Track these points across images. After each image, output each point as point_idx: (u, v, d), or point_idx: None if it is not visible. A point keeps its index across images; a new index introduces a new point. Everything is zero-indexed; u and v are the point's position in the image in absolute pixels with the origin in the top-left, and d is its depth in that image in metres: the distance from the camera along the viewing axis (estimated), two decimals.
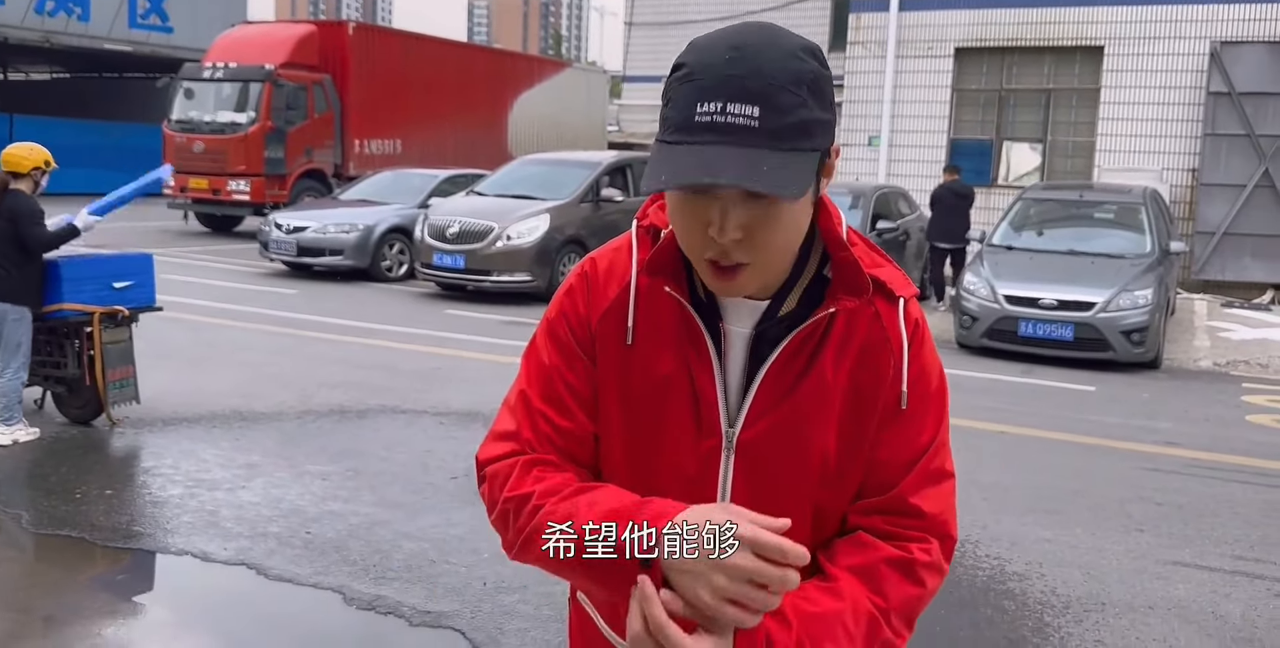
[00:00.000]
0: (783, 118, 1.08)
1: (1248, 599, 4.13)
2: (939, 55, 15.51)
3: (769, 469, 1.25)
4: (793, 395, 1.23)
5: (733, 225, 1.12)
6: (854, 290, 1.22)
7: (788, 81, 1.09)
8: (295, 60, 17.44)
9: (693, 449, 1.25)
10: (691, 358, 1.25)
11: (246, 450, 5.58)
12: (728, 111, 1.08)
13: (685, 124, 1.10)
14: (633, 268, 1.28)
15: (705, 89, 1.09)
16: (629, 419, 1.28)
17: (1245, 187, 13.29)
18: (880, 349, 1.25)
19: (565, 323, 1.31)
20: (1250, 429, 7.13)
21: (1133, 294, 8.88)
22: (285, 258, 12.89)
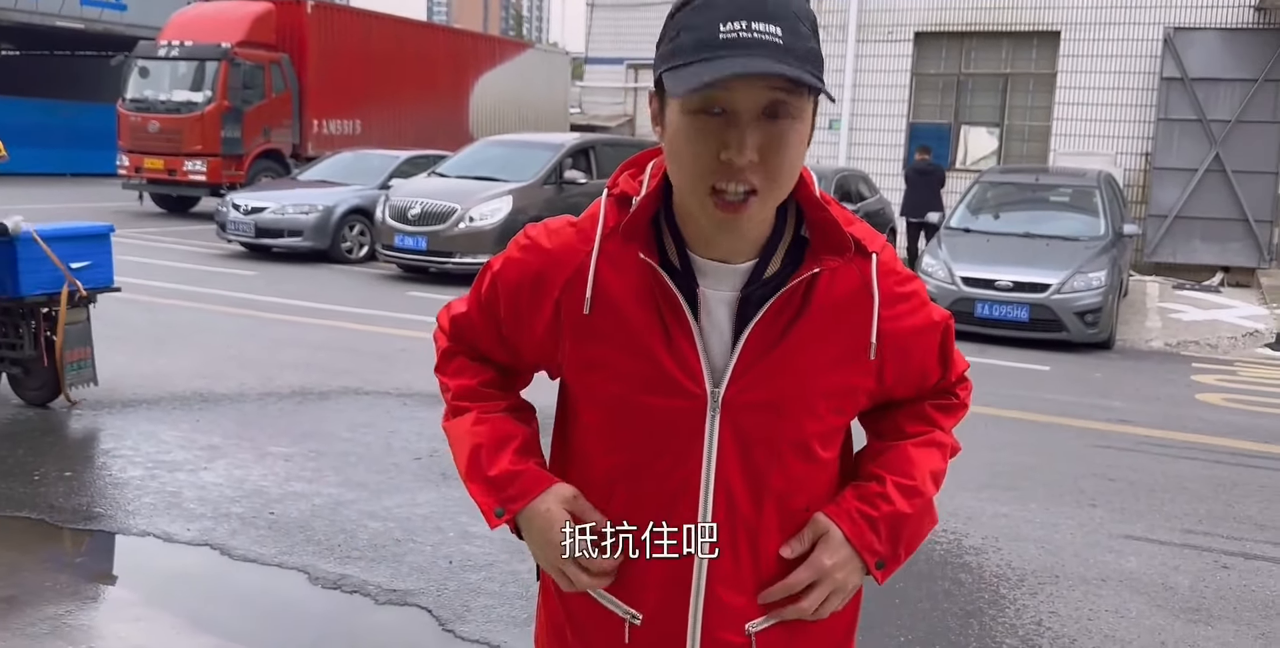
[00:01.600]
0: (801, 42, 1.13)
1: (1196, 571, 4.25)
2: (898, 40, 15.62)
3: (756, 427, 1.27)
4: (777, 352, 1.26)
5: (750, 145, 1.14)
6: (836, 249, 1.26)
7: (800, 14, 1.15)
8: (252, 39, 17.19)
9: (676, 411, 1.26)
10: (670, 321, 1.26)
11: (208, 432, 5.54)
12: (754, 29, 1.11)
13: (710, 41, 1.12)
14: (596, 236, 1.28)
15: (727, 11, 1.12)
16: (603, 386, 1.28)
17: (1197, 171, 13.54)
18: (862, 304, 1.29)
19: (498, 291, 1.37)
20: (1200, 408, 7.31)
21: (1086, 276, 9.05)
22: (243, 239, 12.75)
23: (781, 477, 1.28)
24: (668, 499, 1.28)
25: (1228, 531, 4.74)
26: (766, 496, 1.29)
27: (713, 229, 1.23)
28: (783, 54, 1.12)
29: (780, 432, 1.27)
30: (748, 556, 1.30)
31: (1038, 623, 3.73)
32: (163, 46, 17.10)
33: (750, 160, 1.15)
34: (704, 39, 1.13)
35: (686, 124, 1.17)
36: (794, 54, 1.12)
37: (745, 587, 1.31)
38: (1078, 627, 3.70)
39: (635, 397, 1.27)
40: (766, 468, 1.28)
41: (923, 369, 1.39)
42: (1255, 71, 13.33)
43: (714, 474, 1.27)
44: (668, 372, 1.25)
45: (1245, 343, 9.89)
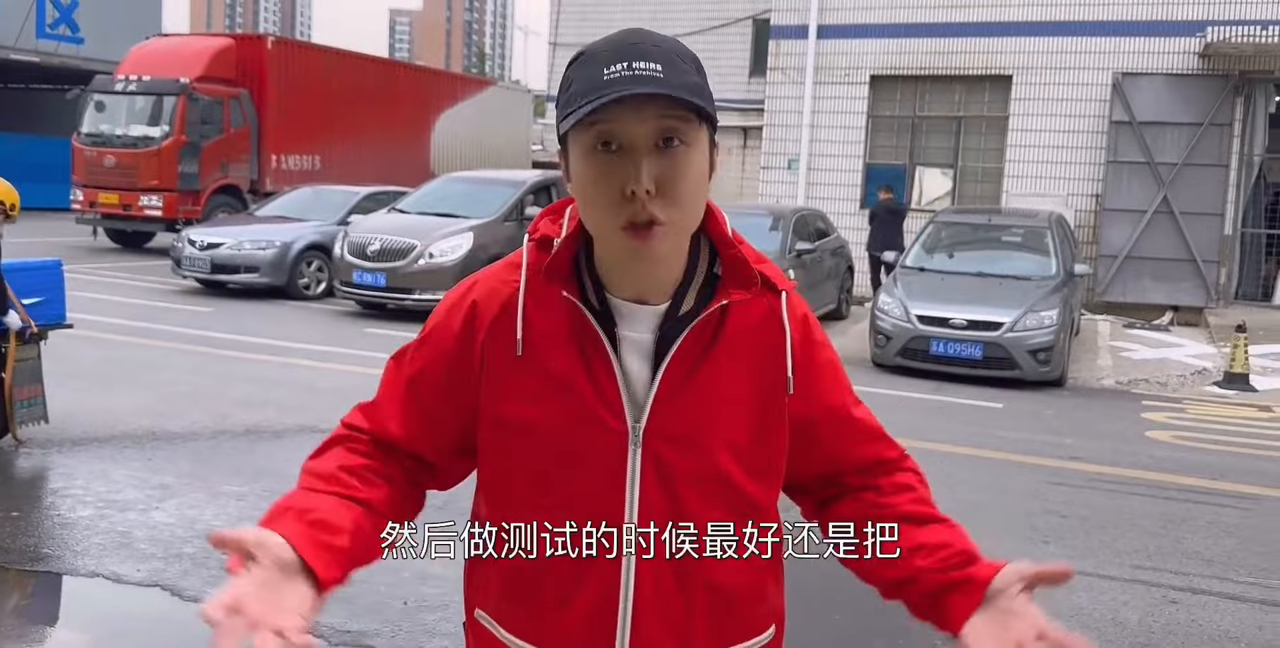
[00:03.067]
0: (683, 76, 1.19)
1: (1145, 607, 4.31)
2: (855, 82, 15.92)
3: (677, 460, 1.28)
4: (692, 384, 1.28)
5: (647, 176, 1.19)
6: (743, 283, 1.30)
7: (681, 56, 1.21)
8: (212, 74, 17.16)
9: (599, 446, 1.27)
10: (593, 359, 1.28)
11: (159, 471, 5.46)
12: (634, 68, 1.17)
13: (595, 84, 1.18)
14: (521, 278, 1.31)
15: (609, 58, 1.19)
16: (529, 426, 1.29)
17: (1146, 212, 13.87)
18: (773, 336, 1.33)
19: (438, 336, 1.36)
20: (1150, 445, 7.44)
21: (1039, 315, 9.22)
22: (199, 275, 12.64)
23: (705, 510, 1.28)
24: (591, 532, 1.28)
25: (1176, 566, 4.82)
26: (696, 532, 1.28)
27: (629, 261, 1.26)
28: (665, 85, 1.17)
29: (701, 464, 1.28)
30: (674, 590, 1.29)
31: None
32: (120, 81, 17.01)
33: (648, 189, 1.19)
34: (590, 84, 1.19)
35: (588, 165, 1.23)
36: (675, 86, 1.18)
37: (673, 625, 1.30)
38: None
39: (558, 433, 1.28)
40: (689, 501, 1.28)
41: (842, 426, 1.41)
42: (1201, 116, 13.73)
43: (637, 508, 1.27)
44: (590, 407, 1.27)
45: (1194, 381, 10.10)
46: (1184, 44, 13.93)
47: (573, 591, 1.30)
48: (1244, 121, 13.86)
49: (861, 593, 1.45)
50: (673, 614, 1.30)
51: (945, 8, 15.17)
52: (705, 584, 1.31)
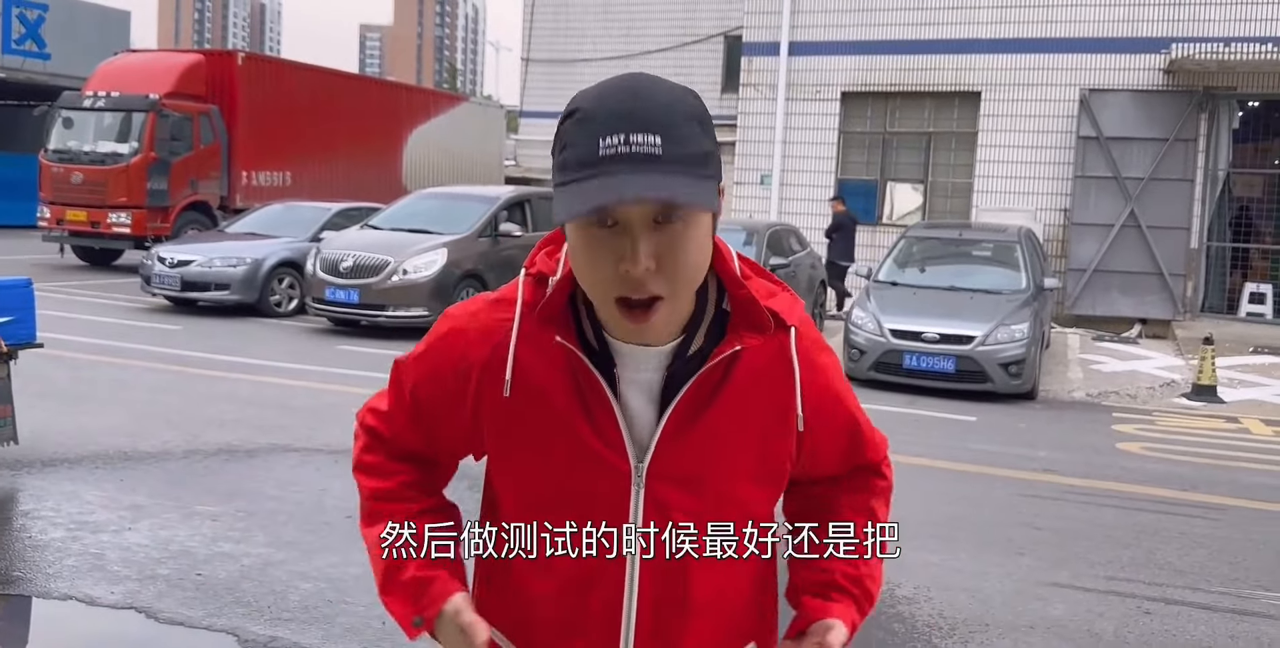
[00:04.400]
0: (684, 147, 1.13)
1: (1119, 617, 4.35)
2: (826, 99, 16.07)
3: (680, 500, 1.27)
4: (698, 426, 1.26)
5: (645, 253, 1.14)
6: (756, 327, 1.27)
7: (683, 115, 1.14)
8: (181, 90, 17.05)
9: (601, 486, 1.26)
10: (591, 402, 1.25)
11: (132, 491, 5.40)
12: (631, 142, 1.10)
13: (589, 159, 1.12)
14: (515, 317, 1.28)
15: (605, 125, 1.12)
16: (526, 466, 1.29)
17: (1113, 226, 14.05)
18: (783, 377, 1.30)
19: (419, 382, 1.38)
20: (1121, 456, 7.52)
21: (1010, 328, 9.31)
22: (169, 293, 12.52)
23: (710, 548, 1.29)
24: (592, 573, 1.28)
25: (1149, 577, 4.87)
26: (693, 568, 1.29)
27: (627, 333, 1.24)
28: (662, 166, 1.11)
29: (703, 505, 1.28)
30: (675, 624, 1.31)
31: None
32: (88, 97, 16.87)
33: (647, 268, 1.15)
34: (584, 156, 1.13)
35: (581, 238, 1.18)
36: (676, 161, 1.12)
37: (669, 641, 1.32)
38: None
39: (559, 474, 1.27)
40: (694, 540, 1.28)
41: (846, 438, 1.41)
42: (1166, 131, 13.95)
43: (638, 549, 1.27)
44: (591, 448, 1.26)
45: (1163, 393, 10.22)
46: (1149, 61, 14.17)
47: (577, 619, 1.32)
48: (1209, 137, 14.09)
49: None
50: (671, 639, 1.32)
51: (915, 25, 15.35)
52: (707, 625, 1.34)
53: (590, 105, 1.15)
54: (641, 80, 1.16)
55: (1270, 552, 5.32)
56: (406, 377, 1.39)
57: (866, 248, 15.17)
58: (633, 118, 1.12)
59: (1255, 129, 15.65)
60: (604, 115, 1.13)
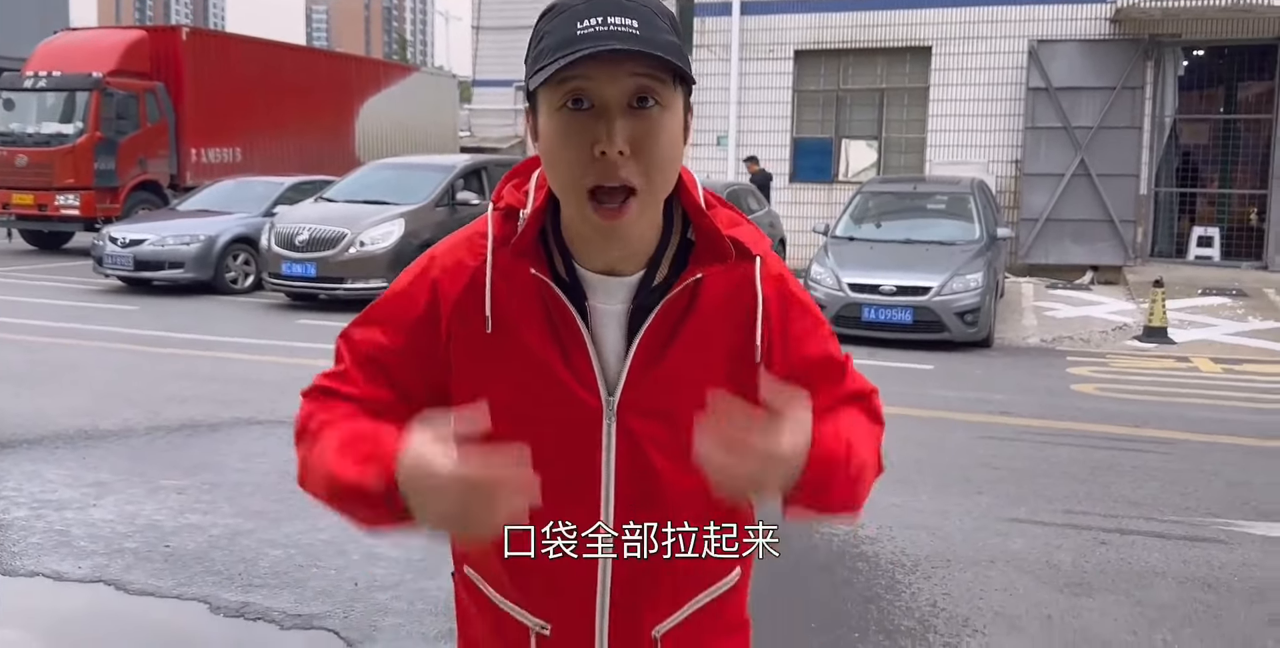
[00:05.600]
0: (659, 34, 1.14)
1: (1077, 548, 4.48)
2: (779, 58, 16.04)
3: (652, 433, 1.27)
4: (666, 358, 1.27)
5: (620, 137, 1.14)
6: (718, 256, 1.27)
7: (657, 10, 1.17)
8: (125, 68, 16.71)
9: (573, 422, 1.26)
10: (564, 335, 1.26)
11: (94, 469, 5.37)
12: (609, 23, 1.13)
13: (568, 39, 1.13)
14: (487, 251, 1.27)
15: (583, 11, 1.14)
16: (502, 402, 1.26)
17: (1064, 175, 14.21)
18: (746, 306, 1.30)
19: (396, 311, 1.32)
20: (1075, 397, 7.69)
21: (964, 278, 9.43)
22: (122, 273, 12.35)
23: (680, 482, 1.29)
24: (566, 508, 1.27)
25: (1104, 509, 5.01)
26: (668, 500, 1.29)
27: (598, 237, 1.23)
28: (640, 42, 1.14)
29: (674, 436, 1.27)
30: (652, 558, 1.30)
31: (932, 604, 3.89)
32: (29, 77, 16.50)
33: (622, 151, 1.15)
34: (562, 38, 1.15)
35: (557, 123, 1.18)
36: (652, 44, 1.14)
37: (650, 590, 1.32)
38: (970, 606, 3.87)
39: (531, 410, 1.27)
40: (664, 473, 1.28)
41: (820, 367, 1.37)
42: (1114, 80, 14.08)
43: (614, 481, 1.28)
44: (564, 383, 1.26)
45: (1115, 336, 10.42)
46: (1096, 10, 14.26)
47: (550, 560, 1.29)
48: (1155, 84, 14.25)
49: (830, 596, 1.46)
50: (647, 573, 1.31)
51: None
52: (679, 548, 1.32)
53: (565, 2, 1.17)
54: None
55: (1220, 481, 5.49)
56: (359, 340, 1.34)
57: (823, 206, 15.25)
58: (610, 3, 1.14)
59: (1200, 76, 15.85)
60: (581, 5, 1.15)
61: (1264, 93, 14.80)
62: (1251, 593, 4.03)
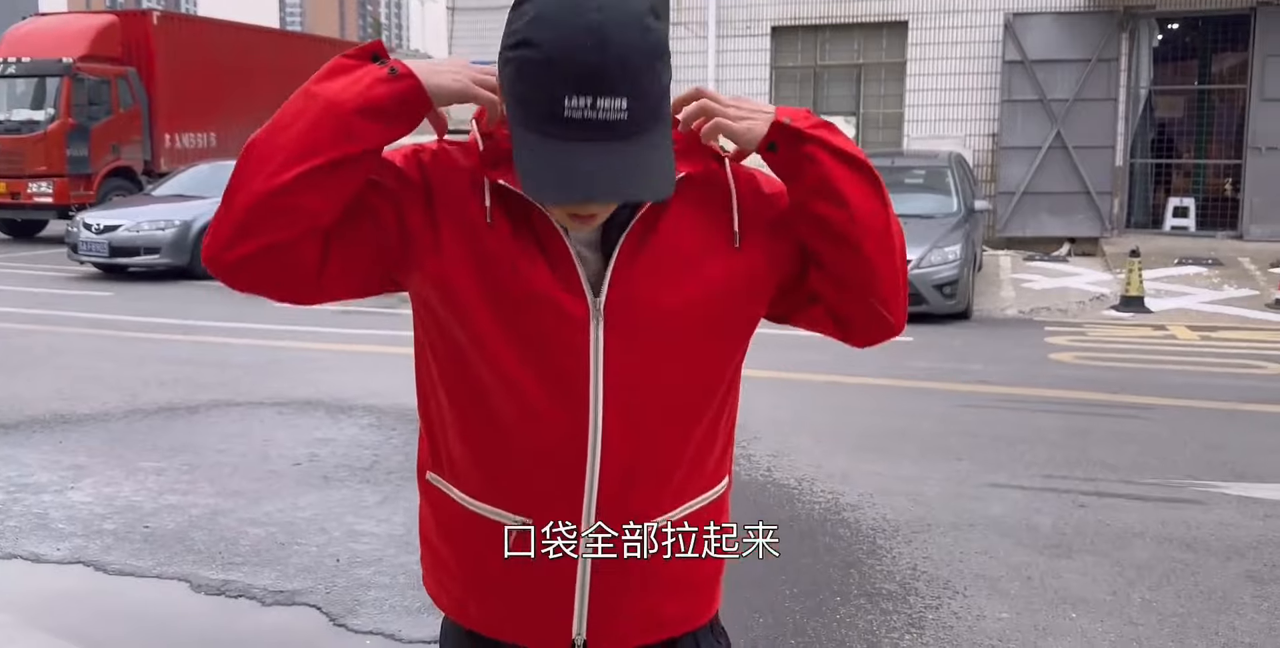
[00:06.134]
0: (647, 101, 1.13)
1: (1056, 512, 4.52)
2: (756, 34, 15.97)
3: (639, 330, 1.29)
4: (646, 256, 1.28)
5: (599, 207, 1.21)
6: (692, 154, 1.30)
7: (646, 61, 1.12)
8: (96, 53, 16.48)
9: (560, 324, 1.27)
10: (547, 244, 1.27)
11: (72, 452, 5.33)
12: (599, 107, 1.10)
13: (554, 117, 1.11)
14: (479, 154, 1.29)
15: (569, 81, 1.10)
16: (492, 302, 1.27)
17: (1040, 148, 14.22)
18: (719, 199, 1.32)
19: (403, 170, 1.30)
20: (1053, 366, 7.74)
21: (943, 251, 9.46)
22: (97, 260, 12.24)
23: (670, 374, 1.31)
24: (557, 404, 1.29)
25: (1083, 473, 5.05)
26: (658, 394, 1.31)
27: (566, 223, 1.26)
28: (631, 128, 1.13)
29: (665, 331, 1.29)
30: (646, 453, 1.32)
31: (913, 568, 3.91)
32: None
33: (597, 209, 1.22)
34: (548, 112, 1.12)
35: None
36: (642, 122, 1.14)
37: (641, 487, 1.33)
38: (950, 569, 3.90)
39: (514, 314, 1.27)
40: (654, 367, 1.30)
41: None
42: (1089, 52, 14.08)
43: (602, 379, 1.28)
44: (548, 285, 1.27)
45: (1092, 306, 10.49)
46: None
47: (538, 457, 1.31)
48: (1130, 56, 14.25)
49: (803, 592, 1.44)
50: (637, 475, 1.33)
51: None
52: (668, 451, 1.34)
53: (551, 42, 1.10)
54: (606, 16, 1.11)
55: (1196, 444, 5.54)
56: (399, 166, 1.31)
57: None
58: (599, 77, 1.09)
59: (1175, 48, 15.87)
60: (568, 64, 1.10)
61: (1238, 64, 14.84)
62: (1228, 551, 4.08)
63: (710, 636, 1.48)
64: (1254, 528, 4.33)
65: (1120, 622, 3.49)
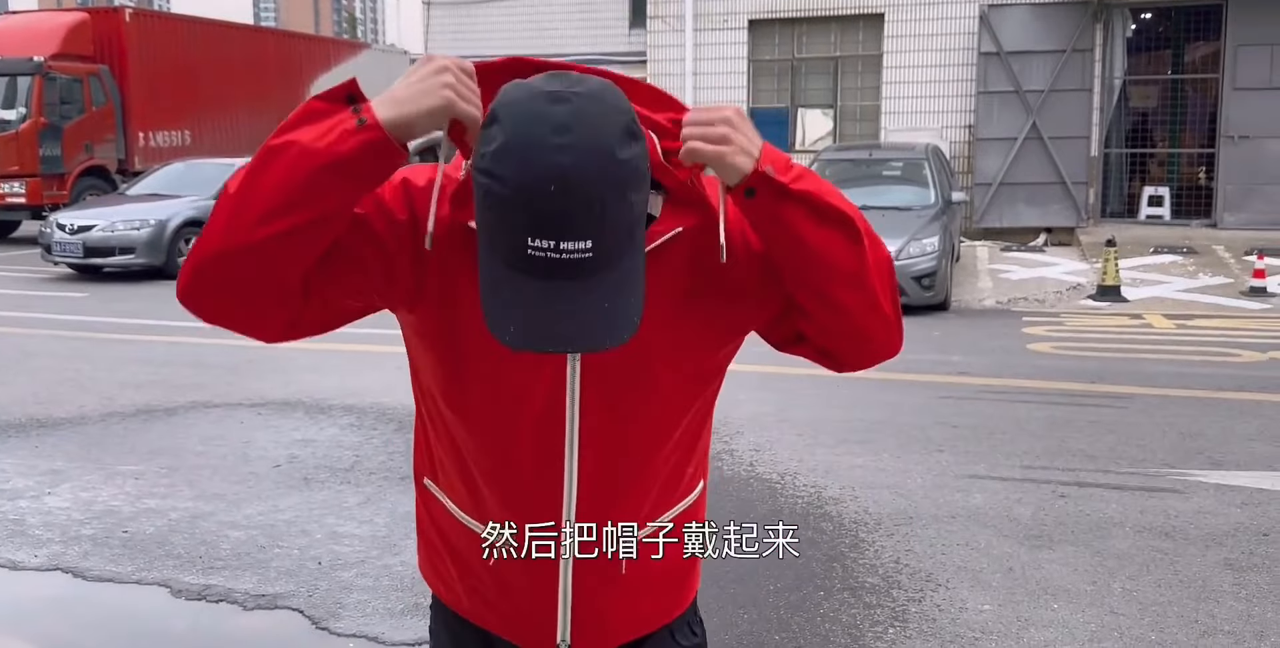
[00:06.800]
0: (618, 233, 1.08)
1: (1036, 502, 4.54)
2: (734, 27, 15.96)
3: (613, 365, 1.28)
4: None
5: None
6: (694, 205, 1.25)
7: (617, 196, 1.06)
8: (67, 51, 16.32)
9: (537, 362, 1.26)
10: None
11: (49, 457, 5.28)
12: (562, 249, 1.06)
13: (518, 257, 1.07)
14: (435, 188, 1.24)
15: (531, 224, 1.05)
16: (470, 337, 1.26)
17: (1016, 139, 14.29)
18: (708, 248, 1.23)
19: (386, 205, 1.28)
20: (1031, 356, 7.78)
21: (921, 242, 9.49)
22: (71, 260, 12.11)
23: (646, 403, 1.31)
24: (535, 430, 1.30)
25: (1062, 463, 5.08)
26: (633, 422, 1.32)
27: None
28: (595, 267, 1.08)
29: (640, 366, 1.29)
30: (623, 473, 1.34)
31: (896, 561, 3.93)
32: None
33: None
34: (511, 251, 1.08)
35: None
36: (607, 259, 1.08)
37: (620, 504, 1.34)
38: (933, 562, 3.91)
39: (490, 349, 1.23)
40: (630, 398, 1.30)
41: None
42: (1064, 43, 14.14)
43: (579, 410, 1.29)
44: None
45: (1069, 296, 10.55)
46: None
47: (519, 473, 1.34)
48: (1104, 47, 14.33)
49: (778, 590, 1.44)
50: (614, 500, 1.35)
51: None
52: (643, 470, 1.36)
53: (515, 180, 1.04)
54: (573, 157, 1.03)
55: (1174, 433, 5.58)
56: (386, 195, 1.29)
57: None
58: (562, 222, 1.05)
59: (1148, 38, 15.97)
60: (531, 208, 1.05)
61: (1210, 54, 14.94)
62: (1206, 539, 4.12)
63: (685, 627, 1.50)
64: (1231, 516, 4.37)
65: (1101, 612, 3.51)
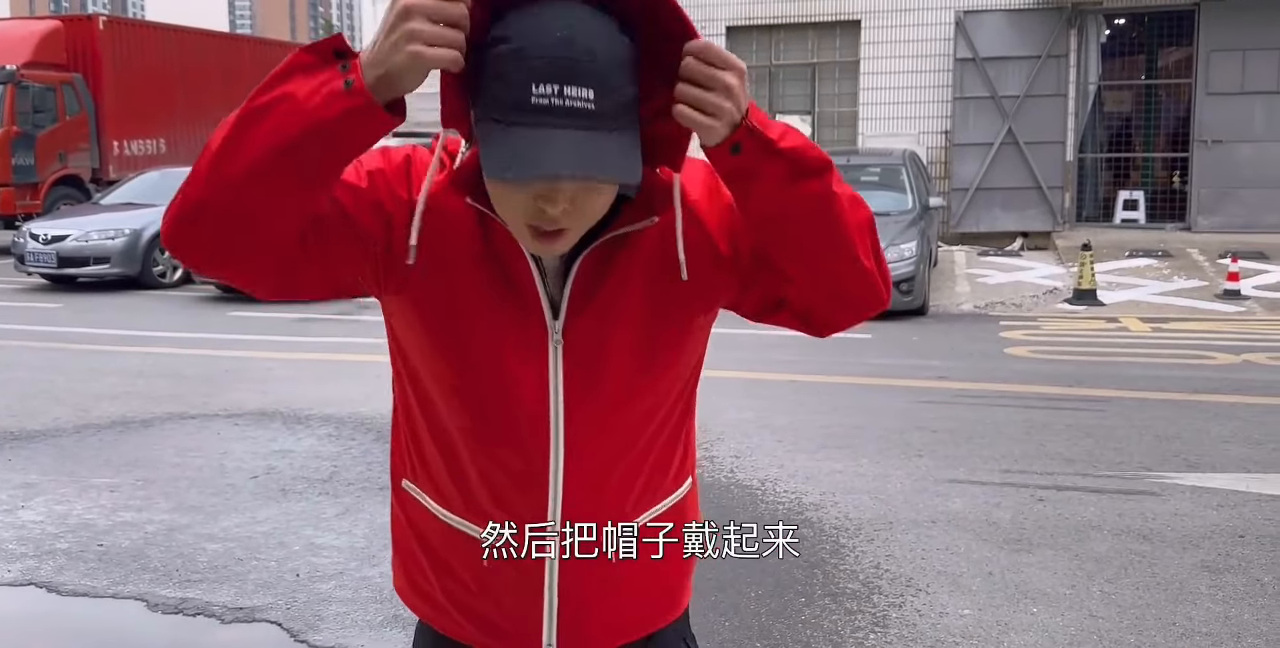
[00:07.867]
0: (613, 98, 1.10)
1: (1015, 506, 4.56)
2: (712, 34, 15.99)
3: (594, 353, 1.30)
4: (604, 280, 1.29)
5: (564, 198, 1.15)
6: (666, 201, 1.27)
7: (616, 63, 1.11)
8: (40, 59, 16.19)
9: (521, 345, 1.29)
10: (510, 264, 1.28)
11: (22, 470, 5.22)
12: (565, 94, 1.08)
13: (521, 105, 1.09)
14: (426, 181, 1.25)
15: (539, 70, 1.08)
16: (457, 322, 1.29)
17: (992, 144, 14.40)
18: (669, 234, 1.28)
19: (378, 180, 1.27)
20: (1009, 360, 7.83)
21: (899, 248, 9.53)
22: (45, 270, 12.01)
23: (629, 389, 1.32)
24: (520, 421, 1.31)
25: (1041, 467, 5.10)
26: (617, 410, 1.33)
27: (533, 249, 1.24)
28: (596, 121, 1.09)
29: (622, 352, 1.30)
30: (608, 464, 1.34)
31: (876, 567, 3.93)
32: None
33: (564, 209, 1.16)
34: (515, 100, 1.09)
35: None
36: (607, 116, 1.10)
37: (607, 497, 1.35)
38: (913, 566, 3.92)
39: (474, 335, 1.29)
40: (612, 385, 1.32)
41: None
42: (1039, 49, 14.26)
43: (562, 398, 1.31)
44: (510, 309, 1.28)
45: (1046, 300, 10.62)
46: None
47: (503, 470, 1.34)
48: (1079, 52, 14.46)
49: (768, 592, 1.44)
50: (600, 486, 1.35)
51: None
52: (629, 461, 1.36)
53: (525, 36, 1.09)
54: (577, 18, 1.09)
55: (1150, 436, 5.62)
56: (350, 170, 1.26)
57: None
58: (571, 71, 1.08)
59: (1122, 43, 16.13)
60: (538, 55, 1.08)
61: (1183, 59, 15.10)
62: (1184, 541, 4.14)
63: (675, 636, 1.50)
64: (1208, 518, 4.40)
65: (1080, 615, 3.52)
